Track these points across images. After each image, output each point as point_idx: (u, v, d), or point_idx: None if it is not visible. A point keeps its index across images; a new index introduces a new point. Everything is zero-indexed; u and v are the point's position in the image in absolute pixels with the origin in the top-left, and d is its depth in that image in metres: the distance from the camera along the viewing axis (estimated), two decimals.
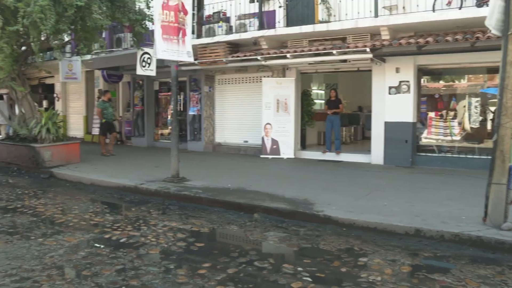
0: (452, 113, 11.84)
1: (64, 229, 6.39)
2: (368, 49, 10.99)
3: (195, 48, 11.79)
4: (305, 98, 14.36)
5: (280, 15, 13.48)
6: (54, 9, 10.40)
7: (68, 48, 17.40)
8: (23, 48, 13.15)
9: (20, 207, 7.87)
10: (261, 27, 13.39)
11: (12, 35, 11.35)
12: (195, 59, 11.90)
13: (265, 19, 13.54)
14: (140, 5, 12.95)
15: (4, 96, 20.03)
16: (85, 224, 6.79)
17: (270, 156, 13.43)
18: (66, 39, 14.17)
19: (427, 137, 12.02)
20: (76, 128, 21.06)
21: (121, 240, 5.83)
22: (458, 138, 11.65)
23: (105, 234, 6.10)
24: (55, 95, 22.06)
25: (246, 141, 15.08)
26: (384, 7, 11.29)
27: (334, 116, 13.47)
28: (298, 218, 6.75)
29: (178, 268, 4.83)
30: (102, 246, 5.61)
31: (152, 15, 11.74)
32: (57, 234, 6.11)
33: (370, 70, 12.28)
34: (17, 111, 14.49)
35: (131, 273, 4.65)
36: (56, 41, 11.59)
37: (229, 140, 15.71)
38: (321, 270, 4.79)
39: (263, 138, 13.65)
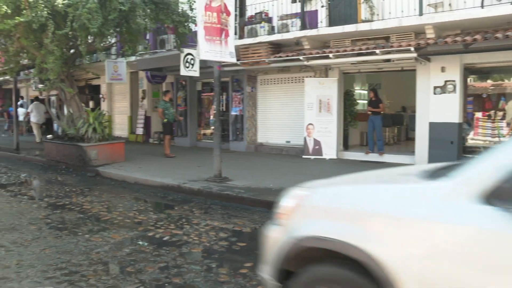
0: (500, 113, 11.45)
1: (109, 226, 6.56)
2: (412, 48, 10.78)
3: (237, 48, 11.85)
4: (347, 98, 14.22)
5: (322, 15, 13.39)
6: (101, 12, 10.75)
7: (113, 50, 17.82)
8: (72, 51, 13.60)
9: (68, 204, 8.13)
10: (303, 27, 13.34)
11: (62, 38, 11.77)
12: (237, 60, 11.97)
13: (307, 19, 13.48)
14: (183, 6, 13.12)
15: (52, 98, 20.77)
16: (129, 222, 6.94)
17: (312, 157, 13.36)
18: (112, 41, 14.53)
19: (474, 138, 11.68)
20: (120, 128, 21.51)
21: (164, 238, 5.93)
22: (506, 139, 11.28)
23: (149, 232, 6.22)
24: (101, 95, 22.62)
25: (288, 141, 15.06)
26: (429, 5, 11.04)
27: (375, 116, 13.28)
28: None
29: (220, 267, 4.88)
30: (145, 244, 5.72)
31: (195, 17, 11.88)
32: (102, 231, 6.28)
33: (414, 70, 12.02)
34: (65, 111, 14.98)
35: (173, 271, 4.72)
36: (102, 44, 11.90)
37: (271, 140, 15.72)
38: None
39: (305, 139, 13.60)
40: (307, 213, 2.98)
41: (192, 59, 12.82)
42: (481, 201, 2.29)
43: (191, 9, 12.98)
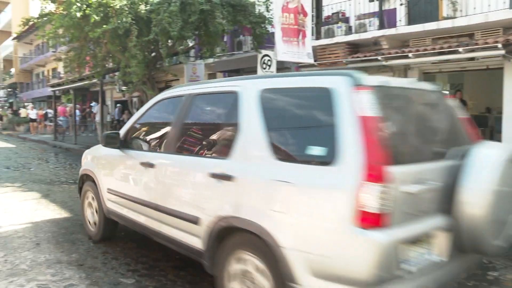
0: None
1: None
2: (500, 45, 10.19)
3: (314, 49, 11.79)
4: None
5: (401, 13, 13.05)
6: (181, 15, 11.14)
7: (192, 52, 18.34)
8: (153, 54, 14.16)
9: None
10: (381, 26, 13.06)
11: (144, 43, 12.30)
12: (314, 61, 11.93)
13: (386, 18, 13.19)
14: (260, 8, 13.28)
15: (134, 99, 21.69)
16: None
17: None
18: (191, 44, 14.97)
19: None
20: None
21: None
22: None
23: None
24: None
25: None
26: None
27: None
28: None
29: None
30: None
31: (271, 18, 11.99)
32: None
33: (502, 68, 11.40)
34: None
35: None
36: (181, 46, 12.30)
37: None
38: None
39: None
40: None
41: (269, 60, 12.91)
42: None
43: (268, 10, 13.12)
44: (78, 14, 11.37)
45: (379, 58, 12.53)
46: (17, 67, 47.72)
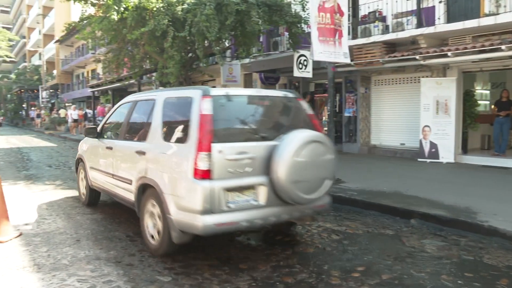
0: None
1: None
2: None
3: (350, 49, 11.68)
4: (467, 99, 13.39)
5: (440, 11, 12.77)
6: (217, 18, 11.20)
7: (228, 53, 18.43)
8: (190, 55, 14.29)
9: None
10: (419, 25, 12.84)
11: (181, 43, 12.43)
12: (351, 60, 11.81)
13: (424, 16, 12.94)
14: (296, 8, 13.24)
15: None
16: None
17: (428, 160, 12.81)
18: (227, 44, 15.06)
19: None
20: None
21: (277, 238, 6.02)
22: None
23: (262, 231, 6.33)
24: None
25: (403, 144, 14.57)
26: None
27: (505, 119, 12.39)
28: (458, 227, 6.33)
29: (331, 269, 4.84)
30: (259, 243, 5.86)
31: (307, 18, 11.92)
32: None
33: None
34: None
35: (285, 270, 4.78)
36: (218, 47, 12.39)
37: (385, 143, 15.32)
38: (486, 286, 4.44)
39: (420, 141, 13.07)
40: None
41: (305, 60, 12.85)
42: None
43: (304, 10, 13.06)
44: (116, 17, 11.59)
45: (417, 57, 12.32)
46: (58, 69, 49.01)
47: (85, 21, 14.24)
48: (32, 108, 54.56)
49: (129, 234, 6.14)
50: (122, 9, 11.62)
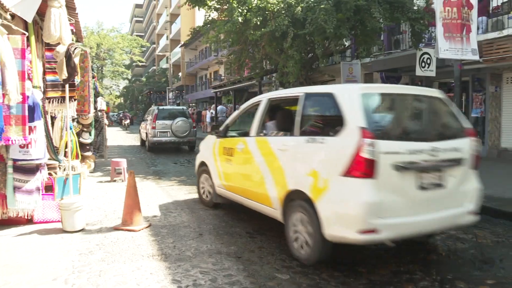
0: None
1: None
2: None
3: (479, 44, 10.91)
4: None
5: None
6: (335, 13, 11.14)
7: (348, 52, 18.21)
8: (310, 55, 14.35)
9: None
10: None
11: (300, 43, 12.53)
12: (479, 57, 11.06)
13: None
14: (419, 3, 12.71)
15: None
16: None
17: None
18: (347, 44, 14.89)
19: None
20: None
21: (396, 243, 5.81)
22: None
23: None
24: None
25: None
26: None
27: None
28: None
29: (456, 279, 4.56)
30: (377, 246, 5.71)
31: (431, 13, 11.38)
32: None
33: None
34: None
35: (406, 276, 4.61)
36: (337, 47, 12.31)
37: None
38: None
39: None
40: None
41: (428, 58, 12.29)
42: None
43: (427, 5, 12.50)
44: (240, 19, 12.01)
45: None
46: (183, 71, 51.86)
47: (208, 25, 14.92)
48: None
49: (249, 231, 6.29)
50: (245, 11, 12.01)
